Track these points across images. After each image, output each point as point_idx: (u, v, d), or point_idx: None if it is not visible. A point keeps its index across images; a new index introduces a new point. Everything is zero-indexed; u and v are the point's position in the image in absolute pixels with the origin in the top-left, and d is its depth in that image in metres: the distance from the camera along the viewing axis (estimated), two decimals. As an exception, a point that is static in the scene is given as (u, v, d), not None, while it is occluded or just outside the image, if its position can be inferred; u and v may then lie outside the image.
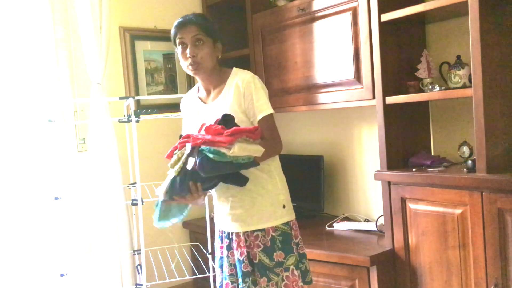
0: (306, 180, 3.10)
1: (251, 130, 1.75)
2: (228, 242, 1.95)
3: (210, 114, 1.91)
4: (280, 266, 1.88)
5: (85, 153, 2.97)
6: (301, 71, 2.80)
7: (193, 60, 1.87)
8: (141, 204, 2.65)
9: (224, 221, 1.95)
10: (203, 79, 1.96)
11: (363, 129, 2.94)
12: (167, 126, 3.15)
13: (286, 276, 1.88)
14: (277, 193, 1.92)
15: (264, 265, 1.87)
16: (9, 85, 2.82)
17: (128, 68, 3.23)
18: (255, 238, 1.89)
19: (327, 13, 2.61)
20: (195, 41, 1.87)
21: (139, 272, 2.92)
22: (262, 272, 1.88)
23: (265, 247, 1.88)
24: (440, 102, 2.53)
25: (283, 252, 1.89)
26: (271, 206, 1.90)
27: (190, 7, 3.52)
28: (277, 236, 1.89)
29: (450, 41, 2.46)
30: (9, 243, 2.79)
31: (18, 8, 2.84)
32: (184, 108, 2.09)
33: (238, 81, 1.88)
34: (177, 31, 1.90)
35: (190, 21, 1.88)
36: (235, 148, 1.67)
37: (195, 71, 1.89)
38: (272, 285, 1.87)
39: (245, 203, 1.89)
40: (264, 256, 1.88)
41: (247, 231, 1.89)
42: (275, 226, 1.89)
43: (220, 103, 1.91)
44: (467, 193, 2.04)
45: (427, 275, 2.24)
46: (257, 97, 1.86)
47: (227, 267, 1.95)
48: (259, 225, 1.88)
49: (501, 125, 2.04)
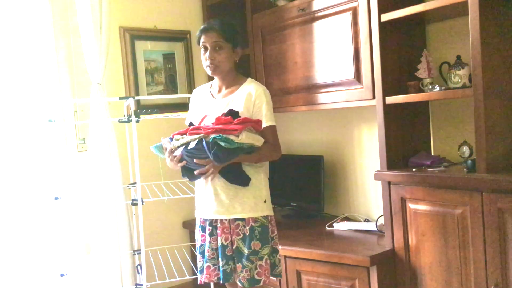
0: (306, 180, 3.10)
1: (256, 121, 2.03)
2: (210, 229, 2.12)
3: (215, 108, 2.13)
4: (255, 254, 2.05)
5: (85, 153, 2.97)
6: (301, 71, 2.80)
7: (211, 63, 2.10)
8: (141, 204, 2.65)
9: (208, 209, 2.12)
10: (219, 78, 2.19)
11: (363, 129, 2.94)
12: (167, 126, 3.13)
13: (259, 264, 2.06)
14: (260, 188, 2.11)
15: (241, 253, 2.05)
16: (9, 85, 2.82)
17: (128, 68, 3.23)
18: (235, 227, 2.07)
19: (327, 13, 2.62)
20: (215, 46, 2.09)
21: (139, 272, 2.92)
22: (238, 259, 2.06)
23: (243, 236, 2.06)
24: (440, 102, 2.53)
25: (260, 242, 2.06)
26: (254, 199, 2.08)
27: (190, 7, 3.53)
28: (257, 227, 2.06)
29: (450, 41, 2.46)
30: (9, 243, 2.79)
31: (18, 8, 2.84)
32: (194, 97, 2.31)
33: (252, 89, 2.10)
34: (201, 34, 2.13)
35: (212, 28, 2.10)
36: (243, 135, 1.92)
37: (212, 72, 2.13)
38: (246, 271, 2.04)
39: (230, 192, 2.07)
40: (242, 244, 2.06)
41: (229, 218, 2.07)
42: (256, 217, 2.07)
43: (228, 101, 2.12)
44: (467, 193, 2.04)
45: (427, 275, 2.24)
46: (267, 107, 2.08)
47: (208, 252, 2.12)
48: (241, 214, 2.06)
49: (501, 125, 2.04)
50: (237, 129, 1.91)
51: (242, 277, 2.05)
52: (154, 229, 3.29)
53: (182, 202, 3.14)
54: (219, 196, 2.08)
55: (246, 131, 1.95)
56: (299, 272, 2.55)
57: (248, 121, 1.99)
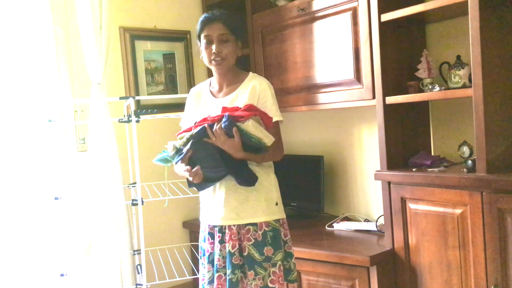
0: (306, 180, 3.10)
1: (264, 113, 1.88)
2: (220, 236, 1.96)
3: (218, 108, 1.95)
4: (268, 261, 1.92)
5: (85, 153, 2.97)
6: (301, 71, 2.80)
7: (218, 56, 1.94)
8: (141, 204, 2.65)
9: (216, 214, 1.97)
10: (220, 74, 2.02)
11: (363, 129, 2.94)
12: (167, 126, 3.14)
13: (273, 271, 1.93)
14: (271, 189, 1.99)
15: (253, 259, 1.91)
16: (9, 85, 2.82)
17: (128, 68, 3.23)
18: (246, 232, 1.93)
19: (327, 13, 2.62)
20: (221, 39, 1.94)
21: (139, 272, 2.92)
22: (250, 266, 1.92)
23: (255, 242, 1.92)
24: (440, 102, 2.53)
25: (272, 247, 1.93)
26: (265, 202, 1.95)
27: (190, 7, 3.52)
28: (269, 231, 1.93)
29: (450, 41, 2.46)
30: (9, 243, 2.79)
31: (18, 8, 2.84)
32: (192, 97, 2.13)
33: (256, 84, 1.97)
34: (203, 27, 1.96)
35: (218, 19, 1.95)
36: (249, 122, 1.78)
37: (218, 66, 1.96)
38: (258, 279, 1.91)
39: (240, 196, 1.93)
40: (254, 250, 1.92)
41: (239, 224, 1.93)
42: (268, 221, 1.94)
43: (232, 99, 1.98)
44: (467, 193, 2.04)
45: (427, 275, 2.24)
46: (272, 102, 1.97)
47: (219, 260, 1.96)
48: (253, 219, 1.93)
49: (501, 125, 2.04)
50: (243, 116, 1.79)
51: (255, 285, 1.91)
52: (154, 229, 3.29)
53: (182, 202, 3.14)
54: (228, 201, 1.93)
55: (253, 120, 1.80)
56: (299, 272, 2.55)
57: (254, 109, 1.87)
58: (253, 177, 1.92)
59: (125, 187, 2.98)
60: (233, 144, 1.81)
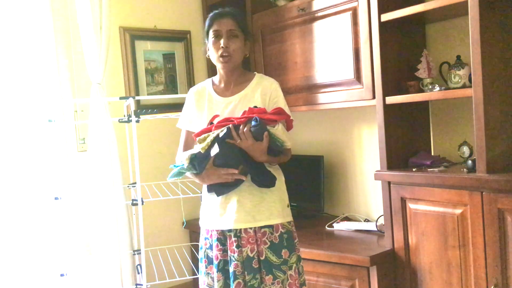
0: (306, 180, 3.10)
1: (289, 117, 1.87)
2: (237, 241, 1.87)
3: (227, 107, 1.93)
4: (285, 264, 1.88)
5: (85, 153, 2.97)
6: (301, 71, 2.79)
7: (226, 51, 1.89)
8: (141, 204, 2.65)
9: (229, 218, 1.87)
10: (226, 72, 1.98)
11: (363, 129, 2.94)
12: (167, 126, 3.14)
13: (290, 274, 1.89)
14: (283, 190, 1.97)
15: (271, 263, 1.86)
16: (10, 85, 2.82)
17: (128, 68, 3.23)
18: (262, 235, 1.87)
19: (327, 13, 2.62)
20: (230, 34, 1.91)
21: (139, 272, 2.92)
22: (268, 270, 1.86)
23: (272, 244, 1.87)
24: (440, 102, 2.53)
25: (288, 250, 1.90)
26: (280, 203, 1.92)
27: (190, 7, 3.53)
28: (284, 233, 1.90)
29: (450, 41, 2.46)
30: (9, 243, 2.79)
31: (19, 8, 2.84)
32: (192, 97, 2.06)
33: (267, 83, 1.97)
34: (212, 22, 1.93)
35: (227, 14, 1.92)
36: (279, 126, 1.78)
37: (225, 63, 1.92)
38: (278, 283, 1.86)
39: (255, 198, 1.88)
40: (270, 253, 1.87)
41: (255, 227, 1.87)
42: (283, 223, 1.91)
43: (240, 98, 1.94)
44: (467, 193, 2.04)
45: (427, 275, 2.24)
46: (283, 102, 1.96)
47: (238, 266, 1.86)
48: (269, 221, 1.87)
49: (501, 125, 2.04)
50: (275, 120, 1.75)
51: None
52: (154, 229, 3.29)
53: (182, 202, 3.14)
54: (243, 203, 1.86)
55: (281, 125, 1.78)
56: (299, 272, 2.55)
57: (284, 113, 1.82)
58: (273, 177, 1.88)
59: (125, 187, 2.98)
60: (259, 148, 1.78)
